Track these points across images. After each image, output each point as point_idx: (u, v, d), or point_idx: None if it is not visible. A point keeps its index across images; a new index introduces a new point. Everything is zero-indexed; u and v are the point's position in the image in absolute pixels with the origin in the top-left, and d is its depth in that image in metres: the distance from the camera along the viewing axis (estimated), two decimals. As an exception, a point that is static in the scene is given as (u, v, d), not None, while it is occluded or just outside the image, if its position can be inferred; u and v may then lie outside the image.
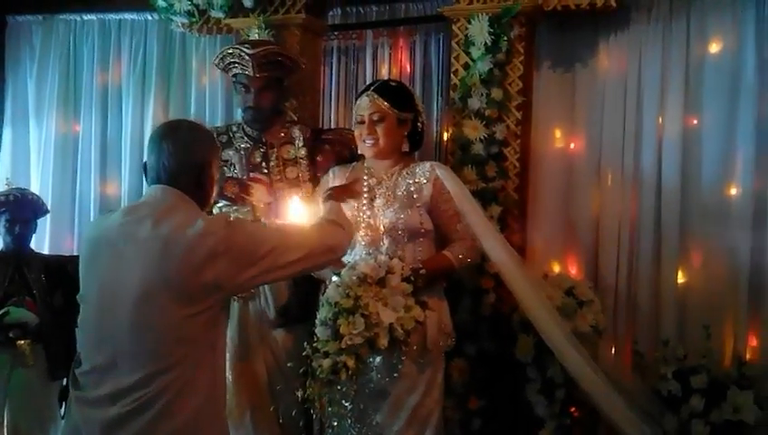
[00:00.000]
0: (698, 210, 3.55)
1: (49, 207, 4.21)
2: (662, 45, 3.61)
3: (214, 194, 2.42)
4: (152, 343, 2.13)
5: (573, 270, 3.80)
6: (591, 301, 3.42)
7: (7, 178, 4.31)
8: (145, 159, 2.36)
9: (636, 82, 3.67)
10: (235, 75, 3.35)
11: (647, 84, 3.65)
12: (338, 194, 2.84)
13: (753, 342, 3.44)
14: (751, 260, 3.42)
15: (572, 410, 3.40)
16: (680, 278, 3.58)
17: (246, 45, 3.33)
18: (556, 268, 3.81)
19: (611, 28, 3.72)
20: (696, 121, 3.58)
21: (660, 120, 3.63)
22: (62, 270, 3.91)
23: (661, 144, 3.62)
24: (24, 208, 3.92)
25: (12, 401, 3.73)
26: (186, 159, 2.27)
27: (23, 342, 3.70)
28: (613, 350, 3.68)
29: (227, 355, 3.16)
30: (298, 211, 2.78)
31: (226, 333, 2.47)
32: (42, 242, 4.51)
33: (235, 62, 3.30)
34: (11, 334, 3.67)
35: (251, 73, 3.26)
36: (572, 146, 3.86)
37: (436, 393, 2.97)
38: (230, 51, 3.33)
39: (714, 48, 3.53)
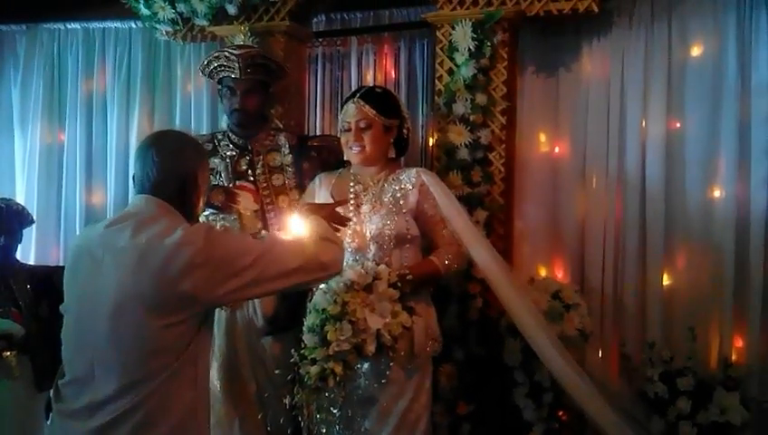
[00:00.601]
0: (682, 213, 3.57)
1: (34, 218, 4.18)
2: (644, 49, 3.63)
3: (201, 204, 2.39)
4: (128, 354, 2.11)
5: (559, 274, 3.82)
6: (578, 304, 3.45)
7: (-8, 189, 4.29)
8: (132, 169, 2.35)
9: (619, 86, 3.70)
10: (220, 80, 3.36)
11: (629, 88, 3.67)
12: (323, 214, 2.72)
13: (739, 343, 3.47)
14: (735, 262, 3.44)
15: (560, 413, 3.42)
16: (665, 281, 3.61)
17: (232, 48, 3.36)
18: (542, 272, 3.83)
19: (594, 33, 3.75)
20: (678, 125, 3.60)
21: (643, 123, 3.65)
22: (47, 281, 3.88)
23: (645, 147, 3.65)
24: (8, 219, 3.89)
25: (-1, 414, 3.71)
26: (170, 168, 2.26)
27: (8, 353, 3.66)
28: (600, 353, 3.70)
29: (215, 364, 3.19)
30: (298, 228, 2.74)
31: (210, 348, 2.43)
32: (27, 252, 4.49)
33: (221, 66, 3.31)
34: (-3, 346, 3.66)
35: (237, 75, 3.27)
36: (557, 150, 3.88)
37: (425, 399, 2.98)
38: (216, 55, 3.34)
39: (695, 52, 3.57)
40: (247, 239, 2.36)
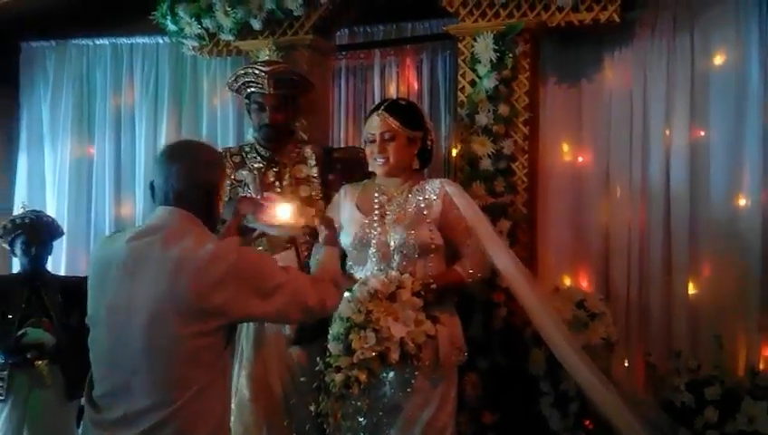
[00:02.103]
0: (707, 221, 3.56)
1: (65, 229, 4.26)
2: (667, 59, 3.63)
3: (221, 213, 2.41)
4: (164, 365, 2.12)
5: (584, 283, 3.81)
6: (603, 313, 3.43)
7: (23, 202, 4.36)
8: (151, 178, 2.35)
9: (641, 96, 3.69)
10: (248, 96, 3.41)
11: (652, 97, 3.67)
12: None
13: (767, 351, 3.44)
14: (761, 269, 3.42)
15: (587, 423, 3.40)
16: (691, 289, 3.58)
17: (260, 64, 3.40)
18: (567, 281, 3.82)
19: (616, 43, 3.75)
20: (702, 133, 3.59)
21: (667, 132, 3.64)
22: (78, 291, 3.88)
23: (669, 156, 3.64)
24: (39, 231, 3.97)
25: (30, 422, 3.75)
26: (195, 181, 2.27)
27: (40, 362, 3.74)
28: (626, 362, 3.68)
29: (244, 372, 3.22)
30: (286, 216, 2.73)
31: (233, 358, 2.47)
32: (58, 263, 4.56)
33: (249, 82, 3.35)
34: (29, 355, 3.71)
35: (266, 91, 3.31)
36: (580, 159, 3.88)
37: (450, 408, 2.99)
38: (244, 71, 3.38)
39: (718, 60, 3.56)
40: (274, 263, 2.37)
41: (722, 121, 3.54)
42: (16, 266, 4.16)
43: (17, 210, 4.26)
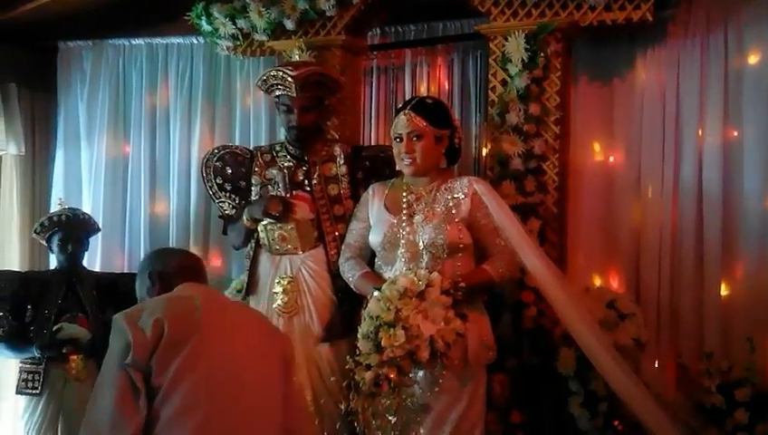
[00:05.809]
0: (740, 222, 3.51)
1: (100, 226, 4.33)
2: (700, 58, 3.59)
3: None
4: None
5: (615, 283, 3.79)
6: (633, 314, 3.41)
7: (60, 199, 4.43)
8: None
9: (674, 95, 3.65)
10: (277, 96, 3.44)
11: (685, 97, 3.63)
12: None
13: (799, 354, 3.40)
14: (795, 272, 3.38)
15: (616, 423, 3.38)
16: (723, 290, 3.54)
17: (288, 68, 3.41)
18: (597, 281, 3.80)
19: (648, 42, 3.71)
20: (736, 133, 3.54)
21: (700, 132, 3.60)
22: (113, 287, 4.02)
23: (701, 156, 3.59)
24: (76, 228, 4.05)
25: (65, 415, 3.83)
26: None
27: (75, 357, 3.81)
28: (656, 363, 3.66)
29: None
30: None
31: None
32: (93, 260, 4.62)
33: (277, 84, 3.38)
34: (64, 350, 3.78)
35: (293, 94, 3.34)
36: (612, 159, 3.85)
37: (479, 407, 3.00)
38: (273, 73, 3.41)
39: (752, 59, 3.50)
40: None
41: (756, 121, 3.48)
42: (53, 263, 4.24)
43: (54, 207, 4.32)
